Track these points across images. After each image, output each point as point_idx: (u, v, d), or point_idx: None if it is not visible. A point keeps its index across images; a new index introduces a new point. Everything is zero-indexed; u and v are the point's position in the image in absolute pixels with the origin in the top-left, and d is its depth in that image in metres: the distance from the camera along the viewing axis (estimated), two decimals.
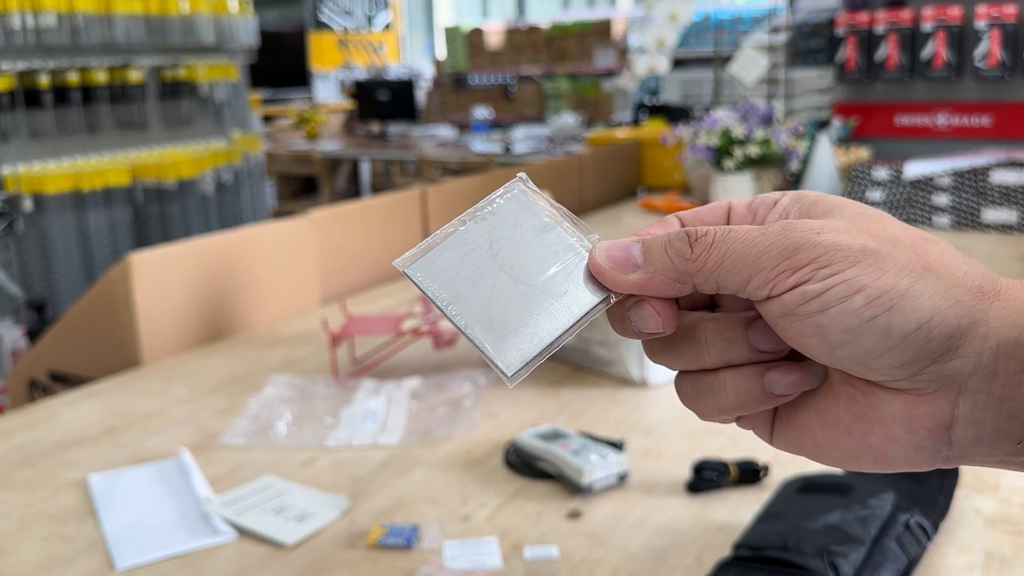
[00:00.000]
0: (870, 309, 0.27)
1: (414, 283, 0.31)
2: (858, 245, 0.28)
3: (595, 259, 0.31)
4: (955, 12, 2.26)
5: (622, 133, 3.00)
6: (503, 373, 0.30)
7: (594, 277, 0.31)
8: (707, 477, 0.82)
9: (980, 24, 2.22)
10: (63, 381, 1.36)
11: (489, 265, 0.31)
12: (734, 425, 0.32)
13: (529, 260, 0.31)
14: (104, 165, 3.25)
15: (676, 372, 0.32)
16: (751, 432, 0.33)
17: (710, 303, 0.33)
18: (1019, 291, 0.28)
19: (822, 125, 2.29)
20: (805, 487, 0.74)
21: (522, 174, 0.33)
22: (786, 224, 0.29)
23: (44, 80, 3.05)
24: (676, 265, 0.30)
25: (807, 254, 0.28)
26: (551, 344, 0.30)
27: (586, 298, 0.31)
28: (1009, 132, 2.30)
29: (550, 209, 0.32)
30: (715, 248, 0.29)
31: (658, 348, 0.32)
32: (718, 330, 0.30)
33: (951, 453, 0.29)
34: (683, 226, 0.32)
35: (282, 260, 1.48)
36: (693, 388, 0.31)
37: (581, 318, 0.31)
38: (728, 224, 0.32)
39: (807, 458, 0.32)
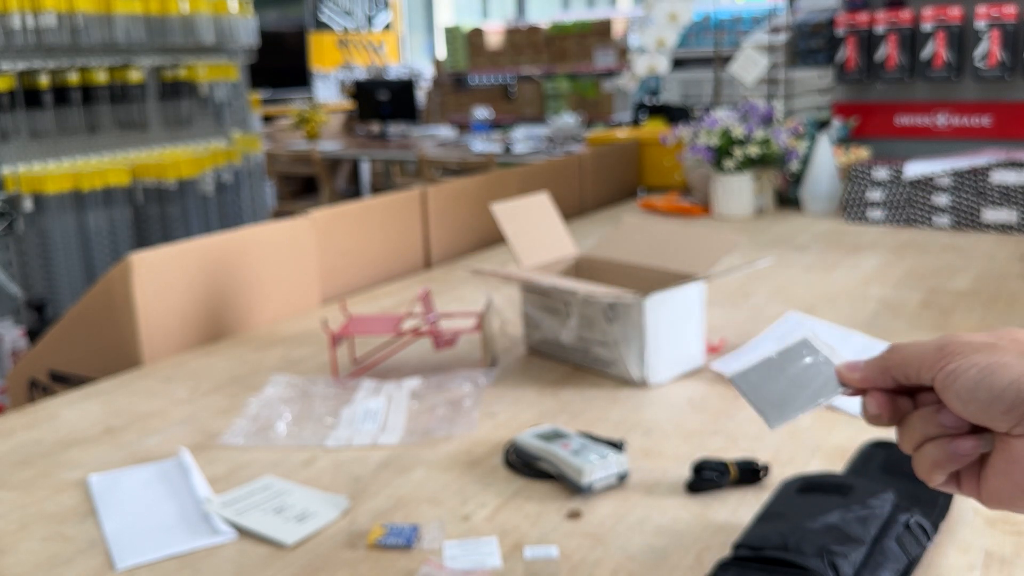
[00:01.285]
0: (980, 374, 0.41)
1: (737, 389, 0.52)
2: (981, 342, 0.43)
3: (838, 366, 0.48)
4: (955, 12, 2.26)
5: (622, 133, 3.00)
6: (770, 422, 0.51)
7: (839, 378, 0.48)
8: (707, 477, 0.82)
9: (980, 24, 2.23)
10: (63, 381, 1.36)
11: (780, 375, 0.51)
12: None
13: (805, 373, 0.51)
14: (104, 165, 3.25)
15: (912, 453, 0.46)
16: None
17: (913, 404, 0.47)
18: None
19: (822, 125, 2.29)
20: (805, 487, 0.74)
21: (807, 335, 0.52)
22: (944, 336, 0.44)
23: (44, 80, 3.05)
24: (878, 364, 0.46)
25: (951, 349, 0.43)
26: (808, 409, 0.51)
27: (833, 388, 0.49)
28: (1009, 132, 2.30)
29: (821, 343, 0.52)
30: (896, 351, 0.45)
31: (900, 431, 0.47)
32: (919, 415, 0.45)
33: None
34: None
35: (282, 260, 1.48)
36: (915, 458, 0.46)
37: (827, 399, 0.50)
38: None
39: (1009, 510, 0.44)
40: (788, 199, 2.34)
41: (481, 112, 5.64)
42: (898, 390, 0.46)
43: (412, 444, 0.96)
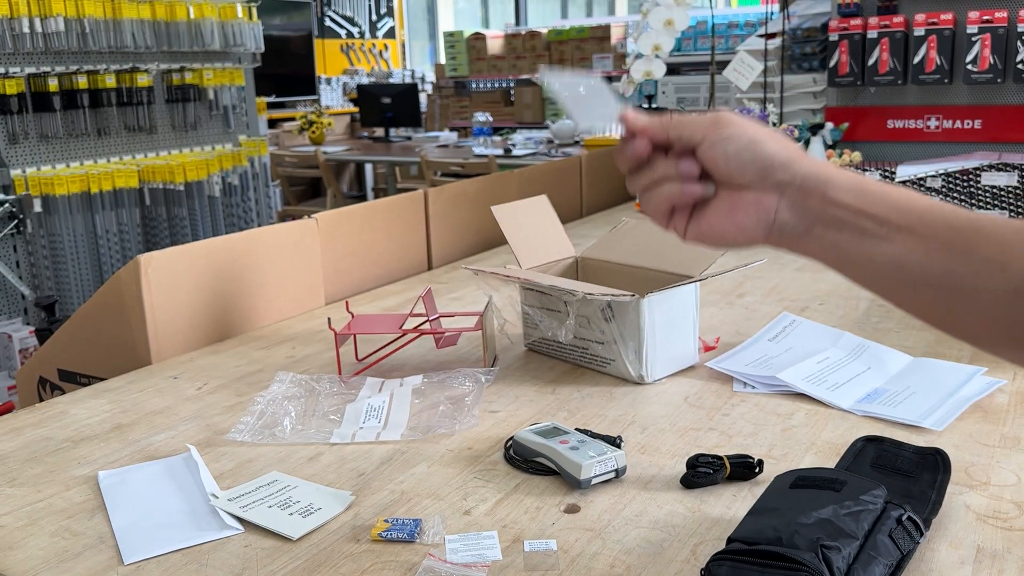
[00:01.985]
0: (750, 142, 0.55)
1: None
2: (750, 123, 0.56)
3: (625, 110, 0.59)
4: (947, 17, 2.28)
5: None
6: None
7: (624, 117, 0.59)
8: (702, 472, 0.84)
9: (972, 29, 2.24)
10: (72, 380, 1.38)
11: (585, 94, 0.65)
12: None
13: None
14: (113, 168, 3.27)
15: (640, 192, 0.59)
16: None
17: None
18: (809, 158, 0.55)
19: (815, 129, 2.30)
20: (798, 482, 0.75)
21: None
22: (718, 111, 0.56)
23: (53, 84, 3.08)
24: (659, 121, 0.57)
25: (727, 120, 0.56)
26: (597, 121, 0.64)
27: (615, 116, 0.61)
28: (999, 135, 2.31)
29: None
30: (677, 118, 0.57)
31: (635, 172, 0.59)
32: (664, 161, 0.57)
33: (774, 229, 0.56)
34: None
35: (288, 261, 1.50)
36: (646, 196, 0.58)
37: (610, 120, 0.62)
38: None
39: (705, 244, 0.58)
40: None
41: (482, 116, 5.66)
42: (656, 146, 0.58)
43: (414, 440, 0.97)
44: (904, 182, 2.07)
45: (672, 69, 5.32)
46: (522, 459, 0.90)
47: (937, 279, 0.52)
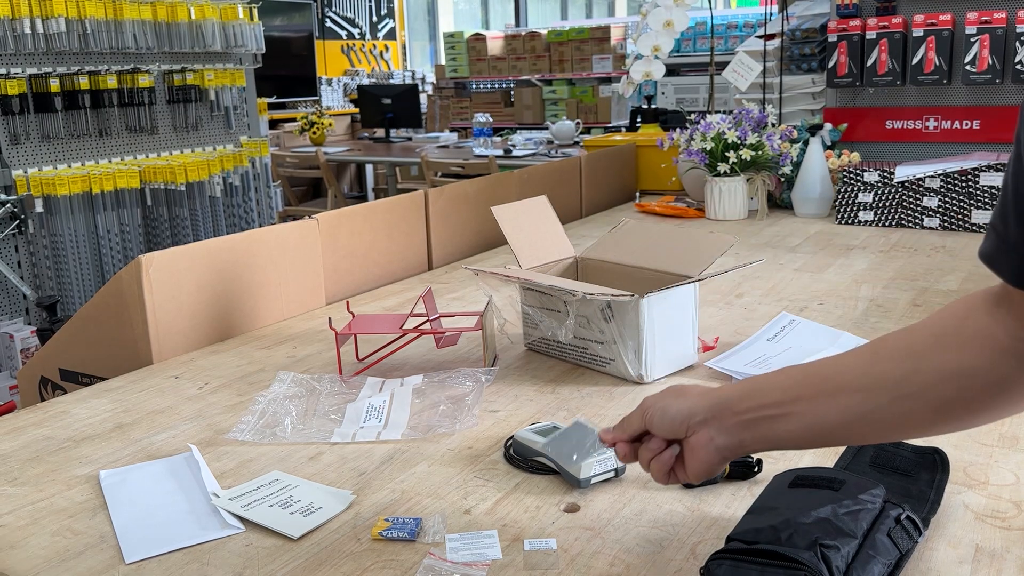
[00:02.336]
0: (661, 412, 0.70)
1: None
2: (661, 394, 0.72)
3: (599, 432, 0.76)
4: (945, 18, 2.28)
5: (619, 137, 3.02)
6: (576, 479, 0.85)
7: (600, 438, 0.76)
8: None
9: (970, 30, 2.24)
10: (74, 379, 1.38)
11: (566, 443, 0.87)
12: None
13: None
14: (114, 168, 3.28)
15: (644, 468, 0.73)
16: None
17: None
18: (710, 392, 0.70)
19: (814, 130, 2.31)
20: (797, 482, 0.75)
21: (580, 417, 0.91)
22: (642, 403, 0.73)
23: (55, 84, 3.08)
24: (623, 429, 0.74)
25: (648, 404, 0.72)
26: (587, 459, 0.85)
27: (598, 445, 0.81)
28: (998, 136, 2.31)
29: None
30: (626, 423, 0.74)
31: (633, 459, 0.74)
32: (642, 447, 0.72)
33: (723, 452, 0.68)
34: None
35: (289, 261, 1.50)
36: (650, 470, 0.72)
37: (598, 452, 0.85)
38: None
39: (696, 480, 0.71)
40: (780, 202, 2.35)
41: (482, 117, 5.66)
42: (630, 439, 0.73)
43: (415, 440, 0.97)
44: (903, 182, 2.07)
45: (671, 70, 5.34)
46: (522, 458, 0.90)
47: (839, 421, 0.64)
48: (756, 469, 0.86)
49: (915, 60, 2.32)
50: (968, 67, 2.25)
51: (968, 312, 0.62)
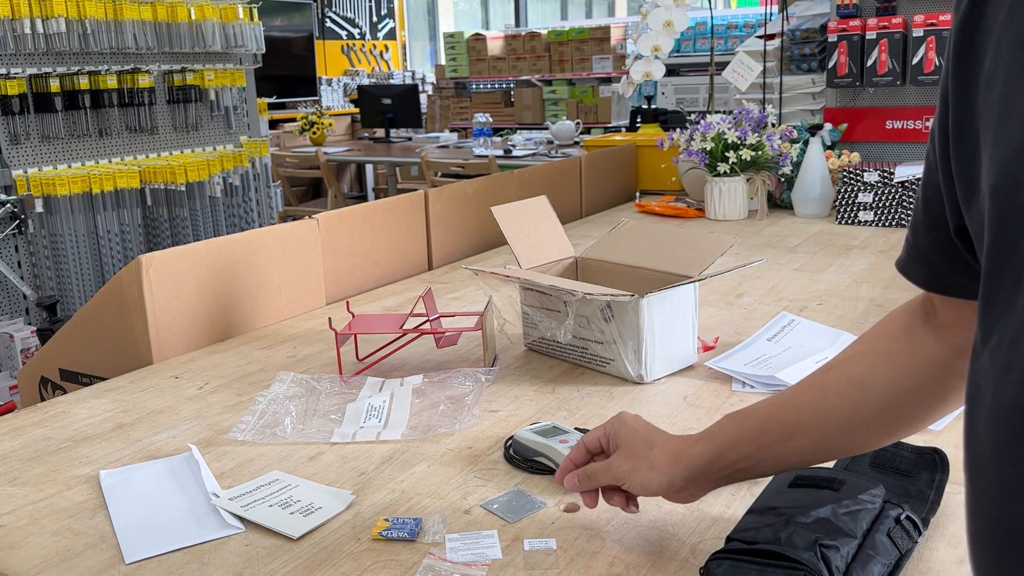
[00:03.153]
0: (640, 487, 0.74)
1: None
2: (624, 455, 0.75)
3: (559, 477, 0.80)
4: (945, 18, 2.28)
5: (619, 137, 3.02)
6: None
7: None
8: None
9: None
10: (74, 380, 1.39)
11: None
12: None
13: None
14: (114, 168, 3.28)
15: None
16: None
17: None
18: (678, 456, 0.73)
19: (814, 130, 2.31)
20: (796, 482, 0.75)
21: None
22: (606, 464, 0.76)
23: (54, 84, 3.08)
24: (574, 456, 0.79)
25: (613, 464, 0.75)
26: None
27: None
28: None
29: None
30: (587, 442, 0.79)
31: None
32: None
33: (684, 488, 0.73)
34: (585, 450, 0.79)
35: (289, 261, 1.51)
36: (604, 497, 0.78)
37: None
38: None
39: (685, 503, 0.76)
40: (780, 202, 2.35)
41: (482, 117, 5.67)
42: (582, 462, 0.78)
43: (415, 439, 0.98)
44: (903, 182, 2.07)
45: (671, 70, 5.34)
46: (522, 458, 0.90)
47: (800, 459, 0.71)
48: None
49: (915, 60, 2.32)
50: None
51: (901, 330, 0.67)
